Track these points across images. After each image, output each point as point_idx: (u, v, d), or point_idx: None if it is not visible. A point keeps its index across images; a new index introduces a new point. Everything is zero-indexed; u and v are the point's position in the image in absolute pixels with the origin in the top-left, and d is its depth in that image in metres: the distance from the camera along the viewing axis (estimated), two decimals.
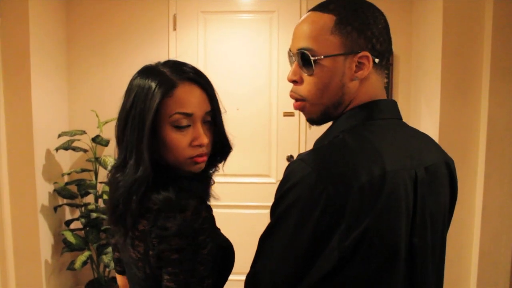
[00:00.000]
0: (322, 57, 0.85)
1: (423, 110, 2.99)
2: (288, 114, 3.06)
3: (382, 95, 0.91)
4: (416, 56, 3.13)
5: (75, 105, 3.21)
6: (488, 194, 2.67)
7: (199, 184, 0.97)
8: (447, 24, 2.70)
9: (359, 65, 0.86)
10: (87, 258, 2.81)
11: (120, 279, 1.14)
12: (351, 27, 0.85)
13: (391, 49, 0.90)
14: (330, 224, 0.76)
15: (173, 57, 3.15)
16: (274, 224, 0.83)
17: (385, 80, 2.79)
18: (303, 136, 3.12)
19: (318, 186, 0.76)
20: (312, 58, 0.85)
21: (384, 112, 0.89)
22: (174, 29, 3.18)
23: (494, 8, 2.58)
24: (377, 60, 0.86)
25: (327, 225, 0.76)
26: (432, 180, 0.87)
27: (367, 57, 0.85)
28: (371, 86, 0.89)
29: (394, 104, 0.93)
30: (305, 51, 0.86)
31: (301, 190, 0.78)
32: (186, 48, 3.17)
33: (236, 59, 3.15)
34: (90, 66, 3.21)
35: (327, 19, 0.85)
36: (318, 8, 0.88)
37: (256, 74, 3.14)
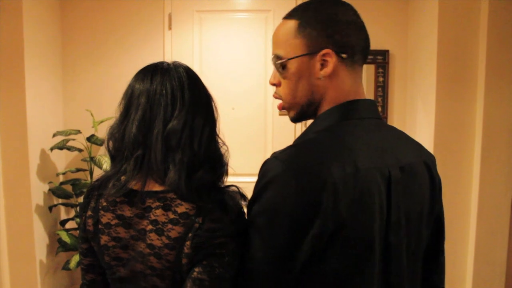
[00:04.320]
0: (288, 60, 0.91)
1: (419, 108, 2.99)
2: (284, 114, 3.05)
3: (358, 93, 0.92)
4: (412, 54, 3.13)
5: (70, 105, 3.20)
6: (484, 192, 2.68)
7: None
8: (443, 22, 2.70)
9: (324, 63, 0.88)
10: None
11: None
12: (311, 28, 0.88)
13: (363, 43, 0.91)
14: (304, 220, 0.78)
15: (168, 56, 3.15)
16: (251, 222, 0.85)
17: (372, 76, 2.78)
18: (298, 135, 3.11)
19: (291, 183, 0.78)
20: (280, 61, 0.92)
21: (360, 112, 0.90)
22: (170, 28, 3.17)
23: (490, 6, 2.59)
24: (344, 55, 0.88)
25: (302, 221, 0.78)
26: (408, 180, 0.89)
27: (329, 53, 0.87)
28: (341, 82, 0.90)
29: (371, 103, 0.94)
30: (276, 56, 0.93)
31: (275, 187, 0.81)
32: (181, 47, 3.16)
33: (232, 58, 3.14)
34: (85, 65, 3.19)
35: (291, 24, 0.91)
36: (285, 16, 0.95)
37: (252, 73, 3.13)
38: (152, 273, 0.90)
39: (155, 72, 0.95)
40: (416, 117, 3.04)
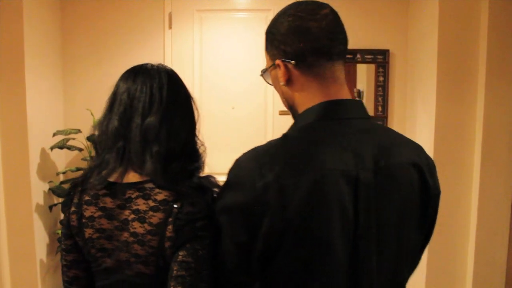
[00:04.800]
0: (263, 73, 1.04)
1: (419, 108, 2.99)
2: (284, 113, 3.03)
3: (337, 93, 0.92)
4: (412, 54, 3.13)
5: (70, 104, 3.20)
6: (484, 192, 2.68)
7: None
8: (443, 22, 2.70)
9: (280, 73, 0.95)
10: None
11: None
12: (267, 42, 0.98)
13: (314, 44, 0.90)
14: (255, 219, 0.82)
15: (168, 56, 3.15)
16: (216, 217, 0.92)
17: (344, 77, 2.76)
18: None
19: (245, 184, 0.84)
20: (260, 74, 1.05)
21: (337, 112, 0.91)
22: (170, 27, 3.16)
23: (490, 6, 2.58)
24: (293, 62, 0.91)
25: (253, 220, 0.82)
26: (384, 183, 0.88)
27: (279, 64, 0.93)
28: (302, 86, 0.92)
29: (353, 103, 0.94)
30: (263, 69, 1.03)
31: (231, 187, 0.88)
32: (181, 47, 3.16)
33: (232, 57, 3.14)
34: (85, 64, 3.19)
35: (264, 41, 1.00)
36: None
37: (252, 72, 3.11)
38: (136, 260, 0.95)
39: (138, 73, 1.03)
40: (416, 116, 3.03)
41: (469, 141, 2.73)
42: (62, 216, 1.14)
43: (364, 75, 3.17)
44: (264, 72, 1.02)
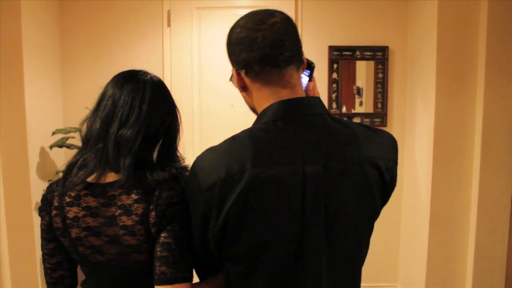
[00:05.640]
0: (230, 80, 1.07)
1: (418, 105, 2.99)
2: None
3: (278, 98, 0.95)
4: (412, 51, 3.13)
5: (69, 103, 3.19)
6: (484, 188, 2.68)
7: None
8: (443, 18, 2.70)
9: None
10: None
11: None
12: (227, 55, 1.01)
13: (260, 53, 0.93)
14: (205, 211, 0.91)
15: (167, 53, 3.14)
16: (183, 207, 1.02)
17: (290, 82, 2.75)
18: None
19: (195, 180, 0.92)
20: (230, 80, 1.08)
21: (290, 111, 0.94)
22: (168, 25, 3.16)
23: (489, 3, 2.58)
24: (243, 71, 0.97)
25: (203, 212, 0.92)
26: (334, 178, 0.90)
27: (233, 73, 1.00)
28: (255, 94, 0.98)
29: (303, 101, 0.97)
30: None
31: (188, 182, 0.99)
32: (180, 44, 3.15)
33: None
34: (84, 63, 3.18)
35: None
36: None
37: None
38: (131, 250, 1.02)
39: (127, 81, 1.08)
40: (415, 113, 3.03)
41: (468, 137, 2.74)
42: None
43: (364, 72, 3.16)
44: (230, 79, 1.06)
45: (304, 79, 1.09)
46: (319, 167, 0.89)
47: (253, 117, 1.02)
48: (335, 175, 0.90)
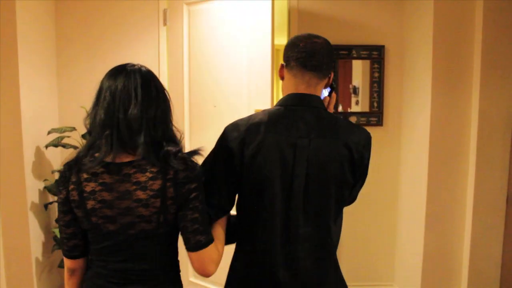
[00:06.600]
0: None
1: (414, 104, 2.99)
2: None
3: (295, 89, 1.39)
4: (408, 50, 3.14)
5: (64, 102, 3.18)
6: (479, 187, 2.69)
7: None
8: (438, 17, 2.71)
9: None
10: None
11: (74, 263, 1.34)
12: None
13: (295, 55, 1.37)
14: (229, 156, 1.34)
15: (163, 52, 3.14)
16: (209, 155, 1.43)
17: (304, 78, 2.79)
18: None
19: (225, 135, 1.37)
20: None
21: (292, 101, 1.38)
22: (165, 24, 3.15)
23: (485, 3, 2.59)
24: (284, 64, 1.43)
25: (228, 156, 1.34)
26: (315, 149, 1.32)
27: (279, 66, 1.45)
28: (286, 83, 1.43)
29: (307, 97, 1.38)
30: None
31: (220, 137, 1.40)
32: (175, 43, 3.13)
33: (217, 53, 2.97)
34: (79, 62, 3.17)
35: None
36: None
37: (232, 73, 2.92)
38: (140, 220, 1.21)
39: (118, 73, 1.25)
40: (411, 112, 3.04)
41: (464, 136, 2.74)
42: (57, 214, 1.22)
43: (360, 71, 3.16)
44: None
45: (324, 93, 1.50)
46: (306, 140, 1.32)
47: (233, 117, 1.43)
48: (316, 147, 1.32)
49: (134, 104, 1.20)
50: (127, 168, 1.21)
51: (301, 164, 1.32)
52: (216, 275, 1.33)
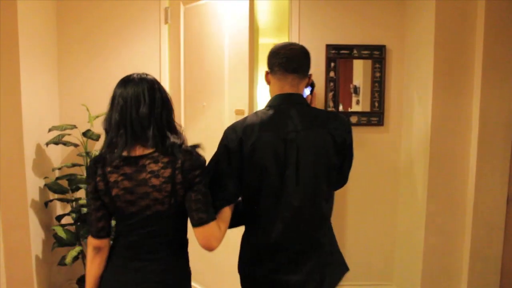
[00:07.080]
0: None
1: (415, 103, 2.99)
2: (239, 112, 2.81)
3: (281, 90, 1.64)
4: (409, 50, 3.13)
5: (65, 100, 3.18)
6: (480, 187, 2.69)
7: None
8: (440, 17, 2.70)
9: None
10: (78, 253, 2.79)
11: (101, 242, 1.56)
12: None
13: (278, 60, 1.63)
14: (231, 152, 1.58)
15: (164, 50, 3.13)
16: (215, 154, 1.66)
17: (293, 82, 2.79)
18: None
19: (227, 134, 1.61)
20: None
21: (280, 101, 1.64)
22: (166, 22, 3.15)
23: (487, 3, 2.59)
24: (269, 70, 1.68)
25: (229, 152, 1.58)
26: (302, 141, 1.56)
27: (265, 73, 1.71)
28: (272, 86, 1.69)
29: (293, 96, 1.64)
30: None
31: (223, 136, 1.63)
32: (175, 41, 3.13)
33: (205, 52, 2.97)
34: (80, 60, 3.17)
35: None
36: None
37: (216, 73, 2.90)
38: (155, 203, 1.46)
39: (127, 82, 1.49)
40: (412, 112, 3.04)
41: (465, 136, 2.74)
42: (57, 211, 1.21)
43: (361, 70, 3.16)
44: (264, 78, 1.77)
45: (306, 92, 1.73)
46: (294, 134, 1.57)
47: (217, 117, 1.27)
48: (303, 138, 1.57)
49: (143, 105, 1.46)
50: (143, 160, 1.47)
51: (292, 154, 1.56)
52: (211, 280, 1.42)
